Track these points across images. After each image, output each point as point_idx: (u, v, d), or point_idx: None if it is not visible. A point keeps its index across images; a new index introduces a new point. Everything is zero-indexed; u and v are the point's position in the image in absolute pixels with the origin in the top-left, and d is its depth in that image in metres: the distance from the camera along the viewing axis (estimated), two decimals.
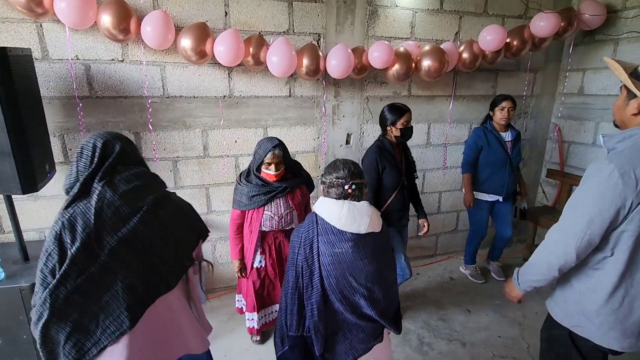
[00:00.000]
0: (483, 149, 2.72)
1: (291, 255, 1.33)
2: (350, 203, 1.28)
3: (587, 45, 3.12)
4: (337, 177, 1.32)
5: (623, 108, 1.21)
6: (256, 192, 1.96)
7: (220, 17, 2.33)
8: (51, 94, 2.15)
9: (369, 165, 2.16)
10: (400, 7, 2.70)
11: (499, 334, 2.44)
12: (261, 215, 1.99)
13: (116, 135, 1.18)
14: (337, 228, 1.25)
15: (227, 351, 2.26)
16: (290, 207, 2.04)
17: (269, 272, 2.13)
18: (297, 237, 1.33)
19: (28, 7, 1.86)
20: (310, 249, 1.28)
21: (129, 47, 2.22)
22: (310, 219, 1.33)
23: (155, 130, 2.39)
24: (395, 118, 2.14)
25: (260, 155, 1.93)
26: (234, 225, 2.09)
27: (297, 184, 2.05)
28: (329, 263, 1.27)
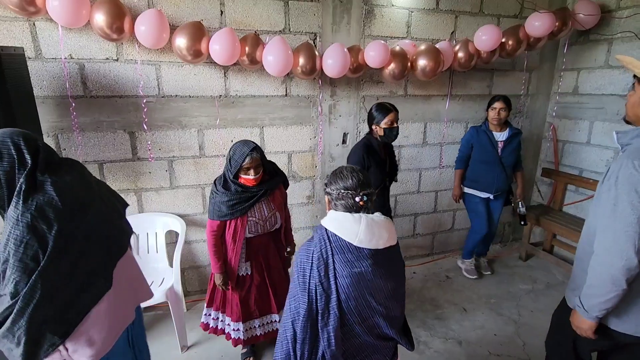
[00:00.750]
0: (474, 147, 2.84)
1: (300, 278, 1.16)
2: (367, 217, 1.15)
3: (582, 45, 3.14)
4: (346, 187, 1.19)
5: (638, 105, 1.22)
6: (237, 199, 1.82)
7: (215, 16, 2.32)
8: (44, 93, 2.13)
9: (357, 162, 2.14)
10: (396, 6, 2.70)
11: (494, 332, 2.45)
12: (246, 223, 1.87)
13: (21, 131, 1.15)
14: (353, 245, 1.12)
15: (224, 353, 2.26)
16: (273, 209, 1.95)
17: (255, 279, 1.99)
18: (307, 257, 1.16)
19: (20, 6, 1.83)
20: (325, 270, 1.13)
21: (123, 46, 2.20)
22: (321, 236, 1.16)
23: (150, 129, 2.38)
24: (380, 117, 2.14)
25: (237, 160, 1.78)
26: (214, 238, 1.89)
27: (275, 184, 1.95)
28: (347, 284, 1.13)
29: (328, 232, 1.16)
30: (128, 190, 2.44)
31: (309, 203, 2.92)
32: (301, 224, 2.95)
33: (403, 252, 3.35)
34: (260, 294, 2.01)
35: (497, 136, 2.78)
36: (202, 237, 2.71)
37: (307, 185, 2.87)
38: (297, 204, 2.88)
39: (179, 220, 2.47)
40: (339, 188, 1.20)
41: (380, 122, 2.15)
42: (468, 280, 3.06)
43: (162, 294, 2.13)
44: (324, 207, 2.97)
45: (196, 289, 2.81)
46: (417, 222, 3.34)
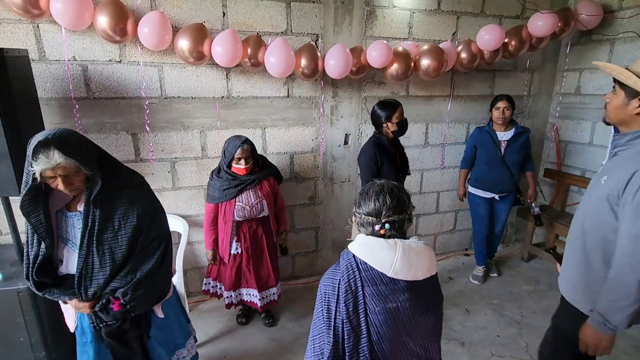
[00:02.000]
0: (478, 148, 2.86)
1: (325, 313, 1.00)
2: (404, 244, 0.98)
3: (584, 45, 3.14)
4: (367, 212, 1.03)
5: (623, 108, 1.22)
6: (227, 185, 2.15)
7: (218, 18, 2.33)
8: (48, 95, 2.14)
9: (369, 159, 2.18)
10: (398, 7, 2.71)
11: (497, 333, 2.45)
12: (233, 207, 2.17)
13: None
14: (387, 276, 0.97)
15: (227, 352, 2.27)
16: (260, 197, 2.23)
17: (244, 257, 2.29)
18: (333, 288, 1.00)
19: (24, 8, 1.85)
20: (354, 305, 0.97)
21: (126, 48, 2.22)
22: (349, 263, 1.00)
23: (153, 131, 2.38)
24: (389, 113, 2.19)
25: (230, 151, 2.10)
26: (208, 218, 2.26)
27: (264, 175, 2.24)
28: (381, 323, 0.97)
29: (357, 260, 1.00)
30: None
31: (311, 204, 2.92)
32: (303, 225, 2.95)
33: None
34: (248, 269, 2.32)
35: (500, 136, 2.77)
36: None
37: (309, 186, 2.88)
38: (299, 205, 2.89)
39: (182, 221, 2.47)
40: (361, 211, 1.04)
41: (391, 117, 2.19)
42: (470, 282, 3.06)
43: None
44: (326, 207, 2.99)
45: (198, 290, 2.81)
46: (418, 223, 3.33)
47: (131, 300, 1.32)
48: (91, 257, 1.29)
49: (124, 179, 1.36)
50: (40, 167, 1.14)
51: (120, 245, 1.31)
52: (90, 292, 1.31)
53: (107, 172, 1.28)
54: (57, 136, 1.16)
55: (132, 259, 1.35)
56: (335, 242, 3.07)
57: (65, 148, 1.16)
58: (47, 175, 1.17)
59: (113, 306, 1.31)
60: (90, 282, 1.31)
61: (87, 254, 1.28)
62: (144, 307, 1.40)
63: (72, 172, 1.20)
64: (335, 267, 1.04)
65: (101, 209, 1.28)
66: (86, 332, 1.43)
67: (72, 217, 1.33)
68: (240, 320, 2.52)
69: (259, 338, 2.39)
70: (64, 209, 1.32)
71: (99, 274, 1.31)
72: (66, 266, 1.34)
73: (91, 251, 1.28)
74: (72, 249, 1.32)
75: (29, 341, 1.81)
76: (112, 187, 1.29)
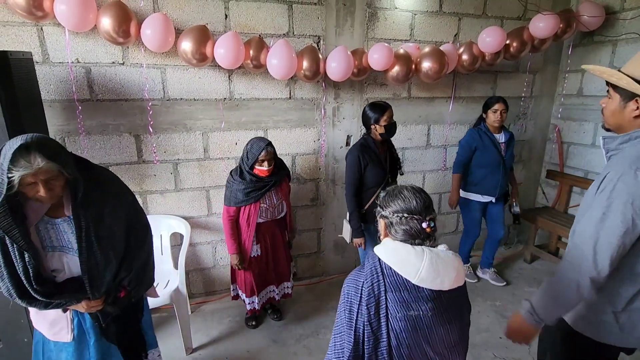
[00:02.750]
0: (477, 150, 2.75)
1: (347, 314, 1.00)
2: (431, 252, 0.97)
3: (586, 46, 3.13)
4: (410, 210, 1.01)
5: (620, 112, 1.19)
6: (252, 187, 2.13)
7: (220, 20, 2.34)
8: (52, 97, 2.15)
9: (352, 162, 2.22)
10: (399, 9, 2.71)
11: (499, 336, 2.44)
12: (258, 209, 2.18)
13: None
14: (412, 283, 0.96)
15: (229, 354, 2.27)
16: (280, 198, 2.27)
17: (264, 258, 2.32)
18: (356, 290, 1.00)
19: (28, 10, 1.86)
20: (376, 309, 0.97)
21: (129, 50, 2.23)
22: (373, 266, 0.99)
23: (155, 132, 2.39)
24: (378, 115, 2.18)
25: (255, 153, 2.09)
26: (230, 222, 2.20)
27: (282, 176, 2.27)
28: (401, 329, 0.97)
29: (382, 264, 0.99)
30: (133, 192, 2.45)
31: (313, 205, 2.92)
32: (305, 226, 2.95)
33: None
34: (268, 268, 2.36)
35: (498, 138, 2.75)
36: (207, 240, 2.72)
37: (311, 187, 2.88)
38: (301, 206, 2.89)
39: (184, 223, 2.48)
40: (400, 211, 1.01)
41: (379, 120, 2.18)
42: (472, 283, 3.05)
43: (167, 296, 2.14)
44: (328, 209, 2.99)
45: (201, 291, 2.82)
46: None
47: (135, 286, 1.41)
48: (94, 258, 1.29)
49: (100, 177, 1.37)
50: (20, 172, 1.08)
51: (119, 240, 1.35)
52: (102, 289, 1.34)
53: (84, 173, 1.26)
54: (36, 140, 1.12)
55: (130, 249, 1.40)
56: (337, 243, 3.07)
57: (47, 151, 1.12)
58: (27, 181, 1.11)
59: (120, 295, 1.38)
60: (101, 280, 1.32)
61: (89, 256, 1.28)
62: (142, 291, 1.50)
63: (53, 176, 1.16)
64: (360, 269, 1.04)
65: (91, 209, 1.27)
66: (89, 333, 1.42)
67: (60, 223, 1.29)
68: (251, 324, 2.50)
69: (261, 339, 2.39)
70: (45, 217, 1.28)
71: (105, 270, 1.33)
72: (69, 272, 1.32)
73: (92, 252, 1.28)
74: (71, 254, 1.30)
75: (32, 342, 1.81)
76: (92, 187, 1.28)
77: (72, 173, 1.20)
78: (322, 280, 3.10)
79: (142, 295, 1.53)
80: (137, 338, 1.54)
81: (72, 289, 1.31)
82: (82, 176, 1.24)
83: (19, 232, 1.15)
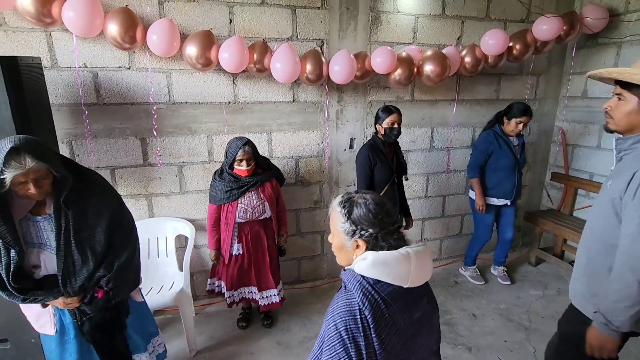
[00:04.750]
0: (494, 153, 2.73)
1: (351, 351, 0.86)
2: (414, 252, 0.94)
3: (590, 48, 3.12)
4: (393, 221, 0.99)
5: (636, 113, 1.18)
6: (229, 187, 2.16)
7: (225, 25, 2.37)
8: (59, 101, 2.19)
9: (363, 160, 2.34)
10: (402, 12, 2.73)
11: (505, 339, 2.42)
12: (235, 208, 2.19)
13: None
14: (404, 288, 0.93)
15: (232, 356, 2.28)
16: (262, 199, 2.25)
17: (245, 258, 2.32)
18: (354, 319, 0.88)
19: (37, 17, 1.90)
20: (387, 330, 0.89)
21: (135, 54, 2.26)
22: (362, 286, 0.90)
23: (160, 136, 2.42)
24: (383, 117, 2.32)
25: (232, 153, 2.11)
26: (211, 219, 2.28)
27: (266, 177, 2.25)
28: (410, 336, 0.93)
29: (368, 280, 0.91)
30: (139, 195, 2.48)
31: (316, 208, 2.93)
32: (308, 228, 2.96)
33: None
34: (250, 269, 2.34)
35: (512, 141, 2.76)
36: None
37: (314, 190, 2.89)
38: (304, 209, 2.90)
39: (189, 225, 2.50)
40: (384, 225, 0.96)
41: (382, 122, 2.32)
42: (477, 286, 3.04)
43: (172, 298, 2.15)
44: None
45: (205, 294, 2.83)
46: (424, 226, 3.33)
47: (114, 287, 1.41)
48: (71, 257, 1.34)
49: (88, 178, 1.41)
50: (12, 173, 1.16)
51: (99, 241, 1.39)
52: (76, 286, 1.38)
53: (72, 173, 1.32)
54: (25, 142, 1.19)
55: (111, 250, 1.42)
56: None
57: (36, 152, 1.20)
58: (18, 181, 1.19)
59: (97, 295, 1.40)
60: (75, 279, 1.37)
61: (66, 254, 1.33)
62: (124, 293, 1.51)
63: (42, 175, 1.23)
64: (346, 296, 0.92)
65: (73, 209, 1.32)
66: (68, 329, 1.48)
67: (41, 220, 1.35)
68: (241, 325, 2.51)
69: (265, 341, 2.39)
70: (28, 215, 1.34)
71: (82, 270, 1.37)
72: (45, 269, 1.37)
73: (70, 251, 1.33)
74: (49, 251, 1.35)
75: (39, 342, 1.82)
76: (79, 188, 1.34)
77: (61, 171, 1.26)
78: (325, 282, 3.11)
79: (124, 298, 1.53)
80: (118, 341, 1.54)
81: (50, 286, 1.37)
82: (73, 176, 1.30)
83: (5, 229, 1.23)
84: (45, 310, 1.45)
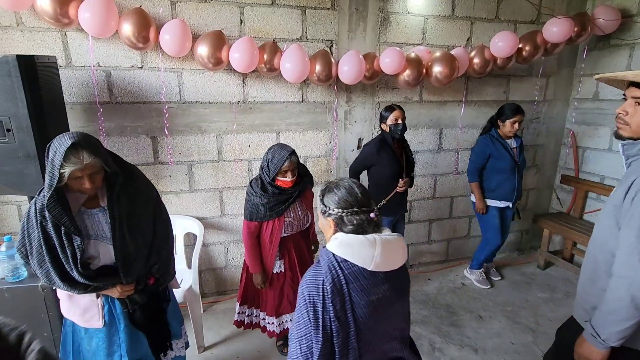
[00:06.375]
0: (491, 156, 2.76)
1: (311, 314, 1.00)
2: (381, 239, 1.02)
3: (602, 50, 3.09)
4: (359, 204, 1.07)
5: None
6: (275, 201, 1.90)
7: (235, 25, 2.39)
8: (74, 99, 2.23)
9: (364, 154, 2.46)
10: (411, 13, 2.73)
11: (511, 341, 2.41)
12: (282, 223, 1.95)
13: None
14: (368, 270, 1.01)
15: (239, 354, 2.29)
16: (305, 209, 2.07)
17: (287, 276, 2.07)
18: (317, 289, 1.00)
19: (55, 18, 1.94)
20: (341, 302, 1.00)
21: (148, 54, 2.30)
22: (329, 262, 1.02)
23: (171, 134, 2.46)
24: (386, 115, 2.40)
25: (277, 164, 1.85)
26: (252, 238, 1.98)
27: (305, 185, 2.04)
28: (365, 315, 1.02)
29: (337, 258, 1.02)
30: None
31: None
32: (316, 228, 2.97)
33: (417, 258, 3.34)
34: (293, 289, 2.07)
35: (510, 143, 2.77)
36: (219, 240, 2.76)
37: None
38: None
39: (198, 223, 2.53)
40: (350, 205, 1.07)
41: (386, 119, 2.40)
42: (484, 288, 3.02)
43: (180, 295, 2.18)
44: None
45: (213, 291, 2.86)
46: (432, 228, 3.32)
47: (163, 274, 1.53)
48: (127, 246, 1.40)
49: (132, 172, 1.48)
50: (71, 168, 1.22)
51: (148, 230, 1.47)
52: (134, 275, 1.44)
53: (119, 167, 1.39)
54: (82, 138, 1.26)
55: (156, 240, 1.50)
56: None
57: (92, 148, 1.27)
58: (75, 175, 1.25)
59: (150, 282, 1.48)
60: (133, 266, 1.43)
61: (122, 244, 1.39)
62: (169, 280, 1.60)
63: (96, 170, 1.30)
64: (316, 269, 1.05)
65: (123, 201, 1.39)
66: (119, 320, 1.50)
67: (96, 213, 1.41)
68: (283, 351, 2.27)
69: (272, 340, 2.41)
70: (82, 208, 1.40)
71: (137, 258, 1.44)
72: (102, 259, 1.42)
73: (125, 241, 1.39)
74: (105, 242, 1.40)
75: (52, 336, 1.87)
76: (126, 181, 1.41)
77: (113, 167, 1.34)
78: None
79: (166, 285, 1.61)
80: (162, 327, 1.61)
81: (105, 276, 1.41)
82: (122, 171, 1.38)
83: (68, 219, 1.29)
84: (94, 303, 1.46)
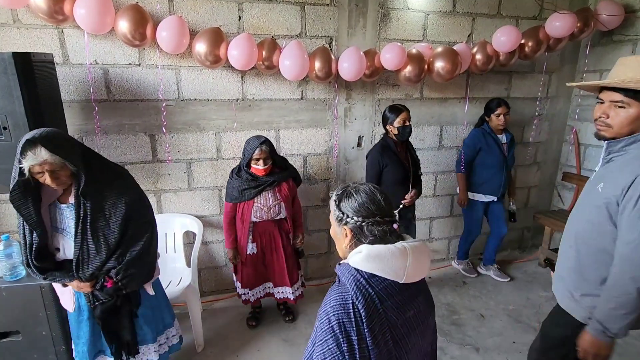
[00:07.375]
0: (481, 150, 2.81)
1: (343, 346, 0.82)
2: (411, 246, 0.89)
3: (605, 46, 3.06)
4: (381, 212, 0.92)
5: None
6: (246, 185, 2.15)
7: (234, 22, 2.37)
8: (71, 97, 2.22)
9: (371, 162, 2.39)
10: (412, 9, 2.70)
11: (513, 340, 2.40)
12: (251, 207, 2.19)
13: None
14: (399, 283, 0.88)
15: (239, 352, 2.29)
16: (278, 199, 2.23)
17: (259, 257, 2.32)
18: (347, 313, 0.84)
19: (49, 14, 1.92)
20: (379, 326, 0.84)
21: (145, 51, 2.28)
22: (356, 280, 0.86)
23: (169, 132, 2.44)
24: (393, 117, 2.33)
25: (249, 151, 2.11)
26: (227, 217, 2.27)
27: (283, 177, 2.24)
28: (403, 335, 0.88)
29: (362, 274, 0.87)
30: (148, 191, 2.50)
31: (323, 205, 2.93)
32: (316, 226, 2.96)
33: None
34: (265, 268, 2.37)
35: (500, 139, 2.82)
36: (219, 238, 2.75)
37: (322, 187, 2.88)
38: (312, 207, 2.90)
39: (197, 221, 2.52)
40: (371, 214, 0.92)
41: (393, 121, 2.34)
42: (485, 286, 3.01)
43: (179, 293, 2.17)
44: None
45: (212, 289, 2.85)
46: (432, 225, 3.30)
47: (123, 278, 1.49)
48: (86, 244, 1.44)
49: (110, 172, 1.51)
50: (28, 163, 1.27)
51: (113, 232, 1.46)
52: (87, 273, 1.47)
53: (95, 167, 1.42)
54: (43, 135, 1.30)
55: (124, 242, 1.49)
56: None
57: (50, 145, 1.29)
58: (35, 170, 1.31)
59: (107, 284, 1.48)
60: (88, 266, 1.46)
61: (82, 242, 1.43)
62: (135, 285, 1.57)
63: (57, 167, 1.33)
64: (340, 291, 0.88)
65: (91, 200, 1.41)
66: (83, 310, 1.60)
67: (64, 208, 1.47)
68: (251, 324, 2.50)
69: (271, 338, 2.40)
70: (56, 201, 1.46)
71: (95, 258, 1.46)
72: (64, 253, 1.50)
73: (86, 239, 1.43)
74: (67, 238, 1.46)
75: (50, 335, 1.87)
76: (100, 181, 1.43)
77: (76, 165, 1.35)
78: (332, 280, 3.10)
79: (136, 290, 1.61)
80: (128, 329, 1.62)
81: (68, 269, 1.48)
82: (92, 169, 1.39)
83: (29, 212, 1.35)
84: (67, 289, 1.58)
